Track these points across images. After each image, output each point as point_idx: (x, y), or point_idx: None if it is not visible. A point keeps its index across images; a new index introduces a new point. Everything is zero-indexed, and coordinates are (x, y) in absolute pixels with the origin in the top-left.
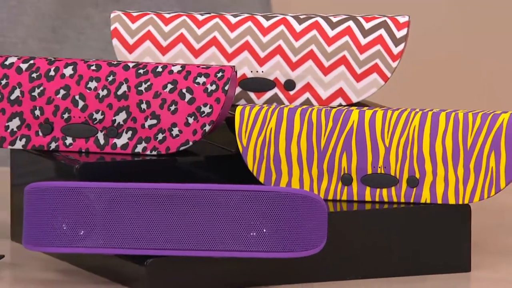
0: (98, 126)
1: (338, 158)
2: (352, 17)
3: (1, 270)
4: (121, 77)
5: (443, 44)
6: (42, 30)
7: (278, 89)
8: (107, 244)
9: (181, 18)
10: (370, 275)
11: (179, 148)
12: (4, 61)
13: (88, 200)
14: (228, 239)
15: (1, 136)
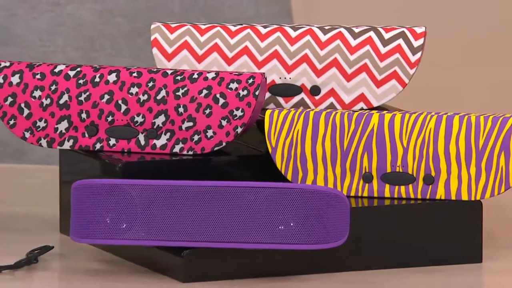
0: (139, 128)
1: (360, 158)
2: (373, 28)
3: (50, 260)
4: (160, 83)
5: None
6: (79, 40)
7: (304, 94)
8: (147, 236)
9: (215, 29)
10: (389, 265)
11: (213, 148)
12: (53, 68)
13: (130, 196)
14: (258, 232)
15: (51, 137)
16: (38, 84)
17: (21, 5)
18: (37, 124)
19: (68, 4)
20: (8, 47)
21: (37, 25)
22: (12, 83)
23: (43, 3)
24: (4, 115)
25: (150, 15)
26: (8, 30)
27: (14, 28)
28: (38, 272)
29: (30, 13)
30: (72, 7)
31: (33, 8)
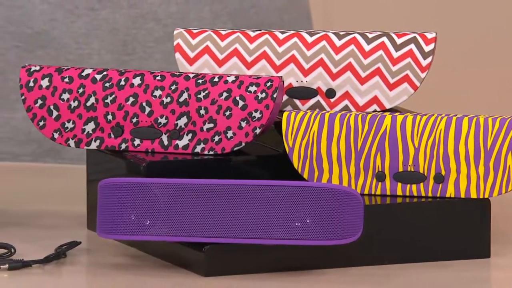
0: (163, 129)
1: (373, 158)
2: (385, 33)
3: (78, 255)
4: (182, 86)
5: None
6: (113, 43)
7: (320, 97)
8: (170, 232)
9: (235, 34)
10: (401, 260)
11: (233, 148)
12: (81, 72)
13: (153, 194)
14: (276, 228)
15: (78, 138)
16: (66, 87)
17: (60, 10)
18: (66, 125)
19: (103, 9)
20: (46, 50)
21: (74, 29)
22: (42, 86)
23: (80, 8)
24: (34, 116)
25: (181, 21)
26: (47, 34)
27: (52, 31)
28: (66, 266)
29: (68, 17)
30: (107, 12)
31: (71, 12)
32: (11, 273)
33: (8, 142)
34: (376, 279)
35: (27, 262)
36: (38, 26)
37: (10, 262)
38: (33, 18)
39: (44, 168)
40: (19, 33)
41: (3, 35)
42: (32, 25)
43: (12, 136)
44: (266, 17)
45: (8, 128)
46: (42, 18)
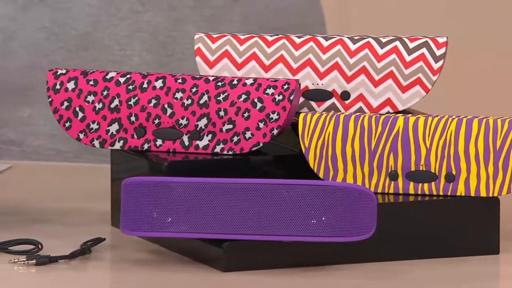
0: (184, 130)
1: (386, 158)
2: (398, 38)
3: (102, 251)
4: (203, 88)
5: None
6: (154, 45)
7: (335, 99)
8: (190, 229)
9: (253, 39)
10: (413, 256)
11: (251, 148)
12: (105, 75)
13: (175, 192)
14: (292, 226)
15: (103, 139)
16: (91, 90)
17: (104, 13)
18: (90, 126)
19: (145, 12)
20: (89, 51)
21: (116, 31)
22: (68, 89)
23: (123, 11)
24: (60, 118)
25: (215, 23)
26: (90, 35)
27: (96, 33)
28: (91, 261)
29: (111, 20)
30: (148, 15)
31: (114, 15)
32: (38, 268)
33: (52, 139)
34: (389, 274)
35: (54, 258)
36: (82, 28)
37: (37, 258)
38: (78, 21)
39: (69, 167)
40: (65, 35)
41: (50, 36)
42: (77, 27)
43: (56, 133)
44: (287, 20)
45: (53, 125)
46: (86, 20)
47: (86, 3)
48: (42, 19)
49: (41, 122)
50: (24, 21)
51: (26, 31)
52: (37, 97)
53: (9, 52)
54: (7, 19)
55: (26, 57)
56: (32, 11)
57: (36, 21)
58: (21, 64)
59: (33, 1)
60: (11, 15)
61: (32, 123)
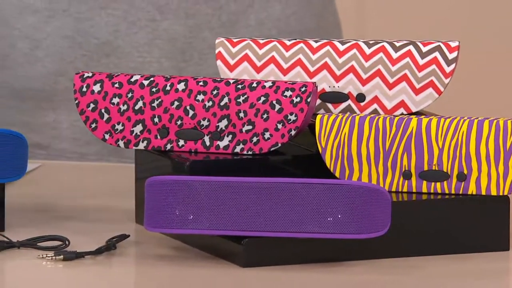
0: (205, 131)
1: (400, 157)
2: (412, 42)
3: (127, 247)
4: (223, 91)
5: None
6: (172, 51)
7: (351, 101)
8: (211, 226)
9: (272, 43)
10: (426, 252)
11: (270, 149)
12: (130, 78)
13: (196, 191)
14: (310, 223)
15: (127, 139)
16: (116, 92)
17: (124, 22)
18: (116, 127)
19: (163, 21)
20: (110, 58)
21: (136, 39)
22: (94, 91)
23: (142, 19)
24: (87, 119)
25: (232, 29)
26: (111, 44)
27: (116, 41)
28: (116, 257)
29: (131, 28)
30: (166, 23)
31: (133, 24)
32: (65, 263)
33: (75, 143)
34: (403, 270)
35: (80, 253)
36: (103, 36)
37: (64, 253)
38: (99, 30)
39: (94, 166)
40: (87, 43)
41: (73, 44)
42: (99, 35)
43: (79, 137)
44: (304, 24)
45: (76, 129)
46: (107, 29)
47: (107, 13)
48: (66, 28)
49: (65, 126)
50: (49, 31)
51: (51, 40)
52: (61, 103)
53: (35, 60)
54: (33, 29)
55: (50, 65)
56: (56, 21)
57: (60, 30)
58: (46, 72)
59: (57, 12)
60: (37, 25)
61: (56, 127)
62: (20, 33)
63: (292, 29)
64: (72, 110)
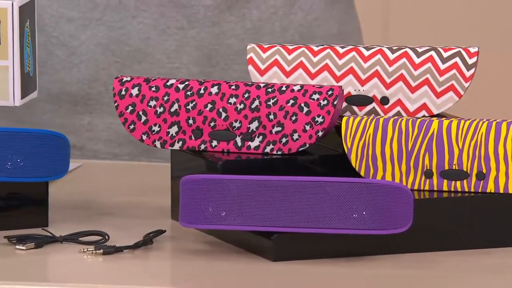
0: (237, 132)
1: (422, 157)
2: (433, 48)
3: (163, 242)
4: (254, 94)
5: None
6: (199, 58)
7: (375, 104)
8: (242, 222)
9: (300, 49)
10: (447, 248)
11: (299, 149)
12: (166, 82)
13: (229, 189)
14: (336, 219)
15: (164, 140)
16: (153, 95)
17: (154, 30)
18: (152, 129)
19: (191, 29)
20: (141, 64)
21: (166, 46)
22: (132, 95)
23: (171, 27)
24: (125, 121)
25: (256, 35)
26: (142, 51)
27: (147, 48)
28: (153, 251)
29: (160, 36)
30: (194, 31)
31: (163, 32)
32: (105, 257)
33: (109, 144)
34: (425, 264)
35: (119, 248)
36: (135, 44)
37: (104, 248)
38: (131, 38)
39: (135, 165)
40: (119, 50)
41: (106, 52)
42: (130, 43)
43: (112, 138)
44: (327, 30)
45: (110, 131)
46: (138, 37)
47: (138, 21)
48: (99, 37)
49: (100, 129)
50: (83, 39)
51: (85, 48)
52: (95, 106)
53: (71, 66)
54: (69, 37)
55: (85, 71)
56: (90, 30)
57: (94, 38)
58: (81, 77)
59: (91, 21)
60: (73, 33)
61: (91, 129)
62: (57, 41)
63: (314, 35)
64: (105, 113)
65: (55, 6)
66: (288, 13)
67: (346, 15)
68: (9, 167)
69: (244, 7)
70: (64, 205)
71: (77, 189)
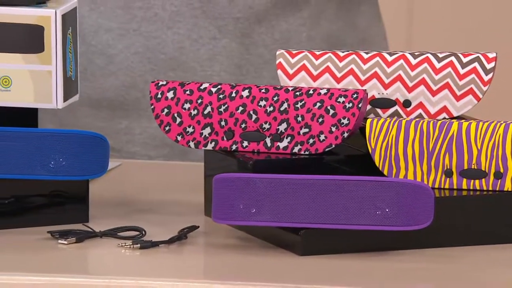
0: (266, 133)
1: (442, 157)
2: (453, 53)
3: (197, 237)
4: (283, 97)
5: None
6: (231, 66)
7: (398, 107)
8: (272, 219)
9: (327, 55)
10: (466, 243)
11: (325, 149)
12: (199, 86)
13: (258, 187)
14: (361, 216)
15: (197, 140)
16: (187, 98)
17: (188, 40)
18: (187, 130)
19: (222, 39)
20: (175, 72)
21: (199, 55)
22: (168, 98)
23: (204, 37)
24: (161, 123)
25: (284, 45)
26: (177, 59)
27: (181, 57)
28: (187, 246)
29: (194, 45)
30: (225, 40)
31: (196, 41)
32: (142, 251)
33: (145, 147)
34: (445, 259)
35: (155, 243)
36: (170, 52)
37: (141, 243)
38: (166, 46)
39: (170, 165)
40: (155, 59)
41: (143, 60)
42: (165, 52)
43: (149, 141)
44: (352, 37)
45: (146, 135)
46: (173, 46)
47: (172, 32)
48: (136, 45)
49: (137, 132)
50: (121, 48)
51: (123, 56)
52: (132, 111)
53: (109, 74)
54: (107, 46)
55: (123, 78)
56: (127, 39)
57: (131, 47)
58: (119, 84)
59: (128, 31)
60: (111, 42)
61: (128, 132)
62: (97, 50)
63: (341, 43)
64: (142, 117)
65: (94, 17)
66: (315, 24)
67: (372, 25)
68: (52, 166)
69: (273, 20)
70: (104, 202)
71: (116, 187)
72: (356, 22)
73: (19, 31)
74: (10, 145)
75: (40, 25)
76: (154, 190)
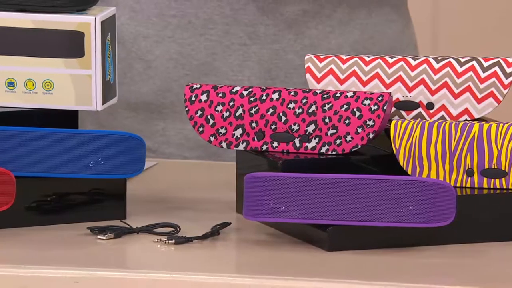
0: (295, 134)
1: (464, 157)
2: (475, 58)
3: (229, 233)
4: (311, 100)
5: None
6: (260, 71)
7: (421, 109)
8: (300, 216)
9: (354, 59)
10: (487, 239)
11: (351, 149)
12: (232, 89)
13: (288, 185)
14: (385, 213)
15: (229, 141)
16: (220, 101)
17: (219, 46)
18: (219, 131)
19: (253, 45)
20: (208, 77)
21: (230, 60)
22: (201, 100)
23: (235, 44)
24: (195, 124)
25: (313, 52)
26: (209, 65)
27: (213, 62)
28: (219, 241)
29: (225, 51)
30: (256, 47)
31: (228, 48)
32: (177, 246)
33: (180, 148)
34: (469, 254)
35: (189, 238)
36: (202, 58)
37: (176, 238)
38: (199, 53)
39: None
40: (189, 64)
41: (177, 65)
42: (198, 57)
43: (183, 143)
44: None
45: (181, 136)
46: (205, 52)
47: (205, 38)
48: (171, 52)
49: (172, 134)
50: (157, 54)
51: (159, 62)
52: (168, 114)
53: (147, 78)
54: (145, 52)
55: (159, 82)
56: (163, 46)
57: (166, 53)
58: (156, 88)
59: (164, 39)
60: (148, 49)
61: (164, 134)
62: (135, 55)
63: (368, 51)
64: (177, 120)
65: (133, 25)
66: (344, 32)
67: (402, 34)
68: (91, 165)
69: (303, 26)
70: (141, 200)
71: (152, 186)
72: (385, 31)
73: (60, 37)
74: (52, 145)
75: (80, 31)
76: (188, 189)
